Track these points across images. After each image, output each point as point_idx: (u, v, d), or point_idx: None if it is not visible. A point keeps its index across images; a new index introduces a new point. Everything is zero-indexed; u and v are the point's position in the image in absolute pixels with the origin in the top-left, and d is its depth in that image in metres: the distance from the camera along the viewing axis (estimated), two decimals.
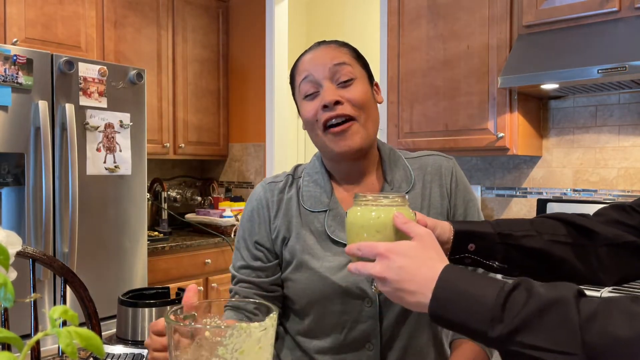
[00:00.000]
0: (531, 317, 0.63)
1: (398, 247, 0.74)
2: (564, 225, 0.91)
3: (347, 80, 1.05)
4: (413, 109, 2.65)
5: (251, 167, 3.78)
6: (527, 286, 0.65)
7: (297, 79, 1.10)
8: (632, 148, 2.38)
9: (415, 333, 1.08)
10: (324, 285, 1.05)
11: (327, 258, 1.07)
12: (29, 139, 2.41)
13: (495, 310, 0.64)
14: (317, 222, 1.10)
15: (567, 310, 0.62)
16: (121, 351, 1.02)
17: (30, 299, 0.56)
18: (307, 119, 1.07)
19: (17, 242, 0.56)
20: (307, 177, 1.15)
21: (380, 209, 0.80)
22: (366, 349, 1.07)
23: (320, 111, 1.04)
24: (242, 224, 1.18)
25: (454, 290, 0.68)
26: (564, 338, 0.60)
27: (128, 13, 3.18)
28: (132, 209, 2.78)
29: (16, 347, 0.44)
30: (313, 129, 1.08)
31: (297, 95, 1.12)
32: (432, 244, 0.75)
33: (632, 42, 1.96)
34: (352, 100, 1.04)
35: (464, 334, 0.69)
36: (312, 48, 1.12)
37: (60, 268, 1.43)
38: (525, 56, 2.21)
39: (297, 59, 1.14)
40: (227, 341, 0.64)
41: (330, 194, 1.12)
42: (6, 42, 2.65)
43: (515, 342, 0.63)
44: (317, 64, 1.06)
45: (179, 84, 3.49)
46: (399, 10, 2.70)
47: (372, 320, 1.05)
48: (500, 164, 2.74)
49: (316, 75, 1.05)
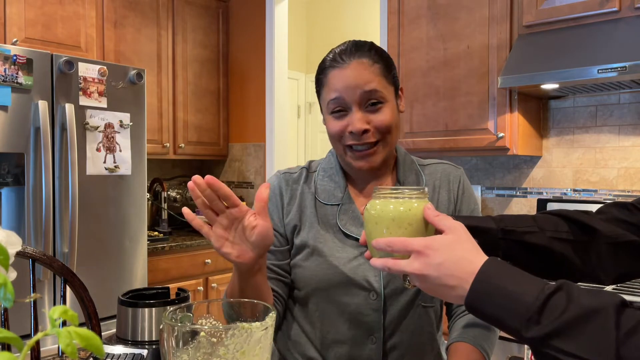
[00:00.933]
0: (569, 323, 0.62)
1: (435, 242, 0.73)
2: (566, 222, 0.91)
3: (376, 103, 1.07)
4: (413, 109, 2.65)
5: (251, 167, 3.78)
6: (568, 290, 0.65)
7: (325, 92, 1.11)
8: (632, 148, 2.38)
9: (417, 330, 1.11)
10: (333, 274, 1.09)
11: (337, 249, 1.11)
12: (29, 139, 2.41)
13: (533, 311, 0.64)
14: (330, 215, 1.14)
15: (606, 321, 0.62)
16: (121, 351, 1.02)
17: (30, 299, 0.56)
18: (332, 134, 1.11)
19: (17, 242, 0.56)
20: (322, 172, 1.19)
21: (404, 202, 0.78)
22: (369, 342, 1.09)
23: (346, 133, 1.08)
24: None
25: (493, 285, 0.68)
26: (599, 348, 0.61)
27: (128, 13, 3.18)
28: (132, 209, 2.78)
29: (16, 347, 0.44)
30: (335, 143, 1.12)
31: (323, 103, 1.13)
32: (467, 237, 0.74)
33: (632, 42, 1.96)
34: (380, 127, 1.07)
35: (498, 328, 0.69)
36: (343, 62, 1.08)
37: (60, 268, 1.43)
38: (525, 56, 2.21)
39: (324, 62, 1.12)
40: (228, 341, 0.63)
41: (344, 189, 1.15)
42: (6, 42, 2.64)
43: (549, 345, 0.63)
44: (348, 87, 1.06)
45: (179, 84, 3.49)
46: (399, 10, 2.70)
47: (376, 313, 1.08)
48: (500, 164, 2.74)
49: (347, 99, 1.07)
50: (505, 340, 2.02)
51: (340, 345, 1.11)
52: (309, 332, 1.15)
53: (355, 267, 1.09)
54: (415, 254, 0.73)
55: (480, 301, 0.68)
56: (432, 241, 0.73)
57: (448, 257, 0.71)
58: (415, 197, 0.79)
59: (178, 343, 0.66)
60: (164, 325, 0.68)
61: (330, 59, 1.11)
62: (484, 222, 0.88)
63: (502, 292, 0.67)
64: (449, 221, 0.75)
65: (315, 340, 1.14)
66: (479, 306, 0.68)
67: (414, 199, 0.79)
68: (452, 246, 0.72)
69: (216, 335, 0.65)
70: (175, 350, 0.66)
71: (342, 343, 1.11)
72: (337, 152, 1.15)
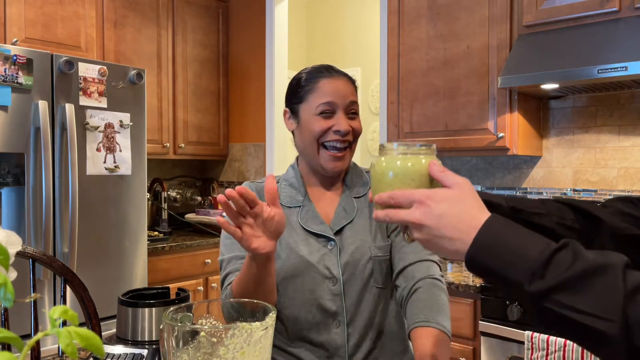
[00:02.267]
0: (574, 278, 0.61)
1: (437, 194, 0.71)
2: (571, 210, 0.91)
3: (354, 114, 1.29)
4: (413, 109, 2.65)
5: (251, 167, 3.78)
6: (574, 248, 0.64)
7: (314, 96, 1.27)
8: (632, 148, 2.38)
9: (374, 310, 1.25)
10: (299, 263, 1.23)
11: (301, 243, 1.26)
12: (29, 139, 2.41)
13: (538, 265, 0.63)
14: (293, 217, 1.29)
15: (614, 277, 0.60)
16: (121, 351, 1.02)
17: (30, 299, 0.56)
18: (315, 133, 1.26)
19: (17, 242, 0.56)
20: (284, 182, 1.36)
21: (410, 157, 0.77)
22: (333, 326, 1.22)
23: (330, 132, 1.25)
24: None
25: (496, 238, 0.66)
26: (605, 304, 0.59)
27: (128, 13, 3.18)
28: (132, 209, 2.78)
29: (16, 347, 0.44)
30: (313, 143, 1.27)
31: (306, 106, 1.28)
32: (472, 194, 0.72)
33: (632, 42, 1.96)
34: (356, 132, 1.29)
35: (499, 283, 0.68)
36: (329, 73, 1.29)
37: (60, 268, 1.43)
38: (525, 56, 2.21)
39: (310, 73, 1.30)
40: (228, 341, 0.63)
41: (304, 193, 1.32)
42: (6, 42, 2.64)
43: (552, 300, 0.62)
44: (339, 95, 1.26)
45: (179, 84, 3.49)
46: (399, 10, 2.70)
47: (337, 297, 1.23)
48: (500, 164, 2.74)
49: (337, 104, 1.26)
50: (505, 340, 2.02)
51: (306, 331, 1.23)
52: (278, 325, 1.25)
53: (318, 258, 1.24)
54: (417, 204, 0.71)
55: (483, 255, 0.66)
56: (434, 193, 0.72)
57: (450, 210, 0.70)
58: (423, 154, 0.78)
59: (178, 343, 0.66)
60: (164, 325, 0.68)
61: (311, 71, 1.30)
62: (495, 197, 0.87)
63: (506, 246, 0.65)
64: (455, 177, 0.74)
65: (282, 330, 1.25)
66: (481, 260, 0.66)
67: (422, 155, 0.78)
68: (456, 199, 0.71)
69: (216, 335, 0.65)
70: (175, 350, 0.66)
71: (308, 330, 1.23)
72: (307, 154, 1.30)
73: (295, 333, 1.24)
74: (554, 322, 0.63)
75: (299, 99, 1.29)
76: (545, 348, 1.81)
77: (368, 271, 1.25)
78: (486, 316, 2.09)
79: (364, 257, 1.25)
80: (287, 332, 1.25)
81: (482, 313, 2.10)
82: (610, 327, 0.59)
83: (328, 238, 1.25)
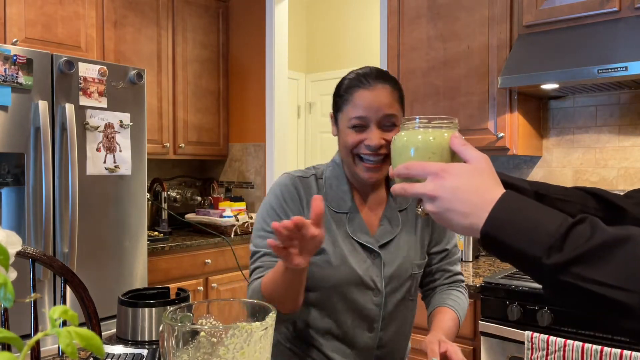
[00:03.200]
0: (594, 250, 0.59)
1: (453, 167, 0.69)
2: (594, 198, 0.89)
3: (391, 125, 1.24)
4: (413, 109, 2.65)
5: (251, 167, 3.78)
6: (592, 221, 0.62)
7: (349, 108, 1.24)
8: (632, 148, 2.38)
9: (403, 319, 1.34)
10: (350, 274, 1.25)
11: (350, 253, 1.27)
12: (29, 139, 2.41)
13: (556, 238, 0.61)
14: (340, 222, 1.28)
15: (634, 248, 0.58)
16: (121, 351, 1.02)
17: (30, 299, 0.56)
18: (348, 145, 1.24)
19: (17, 242, 0.56)
20: (329, 181, 1.32)
21: (432, 131, 0.76)
22: (367, 331, 1.28)
23: (362, 145, 1.23)
24: (268, 204, 1.28)
25: (513, 213, 0.64)
26: (626, 274, 0.58)
27: (128, 13, 3.18)
28: (132, 209, 2.78)
29: (16, 347, 0.44)
30: (348, 154, 1.25)
31: (343, 117, 1.26)
32: (489, 170, 0.70)
33: (632, 42, 1.96)
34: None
35: (514, 260, 0.65)
36: (368, 83, 1.23)
37: (60, 268, 1.43)
38: (525, 56, 2.21)
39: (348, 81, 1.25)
40: (228, 341, 0.63)
41: (351, 199, 1.30)
42: (6, 42, 2.64)
43: (571, 273, 0.60)
44: (372, 109, 1.21)
45: (179, 84, 3.48)
46: (399, 10, 2.70)
47: (377, 307, 1.28)
48: (501, 164, 2.74)
49: (369, 118, 1.22)
50: (505, 340, 2.02)
51: (343, 335, 1.27)
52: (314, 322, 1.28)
53: (365, 269, 1.26)
54: (432, 176, 0.70)
55: (499, 229, 0.64)
56: (450, 166, 0.70)
57: (465, 183, 0.68)
58: (446, 127, 0.76)
59: (178, 343, 0.66)
60: (164, 325, 0.68)
61: (353, 78, 1.25)
62: (519, 181, 0.85)
63: (522, 221, 0.63)
64: (475, 152, 0.72)
65: (319, 330, 1.28)
66: (497, 234, 0.64)
67: (444, 129, 0.76)
68: (472, 174, 0.69)
69: (216, 335, 0.65)
70: (175, 350, 0.66)
71: (345, 334, 1.27)
72: (346, 161, 1.28)
73: (329, 332, 1.28)
74: (573, 296, 0.61)
75: (337, 107, 1.29)
76: (545, 348, 1.81)
77: (407, 286, 1.33)
78: (486, 316, 2.09)
79: (406, 273, 1.32)
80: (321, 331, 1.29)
81: (482, 313, 2.10)
82: (631, 298, 0.57)
83: (373, 250, 1.28)
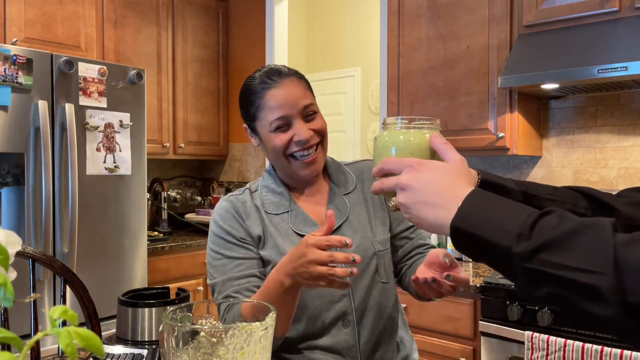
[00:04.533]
0: (561, 236, 0.60)
1: (429, 162, 0.71)
2: (585, 198, 0.89)
3: (312, 114, 1.23)
4: (413, 109, 2.64)
5: (251, 167, 3.78)
6: (561, 213, 0.63)
7: (265, 113, 1.21)
8: (632, 148, 2.38)
9: (380, 307, 1.25)
10: None
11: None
12: (29, 139, 2.41)
13: (524, 227, 0.61)
14: (282, 222, 1.25)
15: (602, 233, 0.58)
16: (121, 351, 1.02)
17: (30, 299, 0.56)
18: (278, 147, 1.21)
19: (17, 242, 0.56)
20: (264, 189, 1.30)
21: (414, 132, 0.77)
22: (343, 326, 1.21)
23: (292, 144, 1.21)
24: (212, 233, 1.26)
25: (482, 206, 0.65)
26: (595, 257, 0.57)
27: (128, 13, 3.18)
28: (132, 209, 2.78)
29: (16, 347, 0.44)
30: (279, 156, 1.22)
31: (260, 125, 1.23)
32: (465, 171, 0.72)
33: (632, 42, 1.96)
34: (319, 131, 1.24)
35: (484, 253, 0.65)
36: (274, 81, 1.21)
37: (60, 268, 1.43)
38: (525, 56, 2.21)
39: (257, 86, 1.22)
40: (228, 341, 0.63)
41: (289, 198, 1.28)
42: (6, 42, 2.64)
43: (540, 260, 0.60)
44: (289, 105, 1.20)
45: (178, 84, 3.48)
46: (399, 10, 2.70)
47: (345, 297, 1.21)
48: (500, 164, 2.74)
49: (290, 115, 1.20)
50: (505, 340, 2.02)
51: (317, 337, 1.20)
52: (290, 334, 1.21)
53: None
54: (408, 168, 0.71)
55: (467, 222, 0.65)
56: (427, 161, 0.72)
57: (439, 178, 0.69)
58: (427, 128, 0.78)
59: (178, 343, 0.66)
60: (163, 325, 0.67)
61: (258, 83, 1.22)
62: (506, 182, 0.86)
63: (491, 213, 0.64)
64: (455, 153, 0.74)
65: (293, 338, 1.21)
66: (466, 227, 0.65)
67: (425, 129, 0.78)
68: (447, 171, 0.70)
69: (216, 335, 0.65)
70: (175, 350, 0.66)
71: (319, 335, 1.20)
72: (279, 166, 1.26)
73: (305, 340, 1.21)
74: (544, 285, 0.60)
75: (251, 117, 1.25)
76: (545, 348, 1.81)
77: (373, 267, 1.25)
78: (486, 316, 2.09)
79: (367, 253, 1.24)
80: (297, 340, 1.22)
81: (482, 313, 2.10)
82: (601, 279, 0.56)
83: None
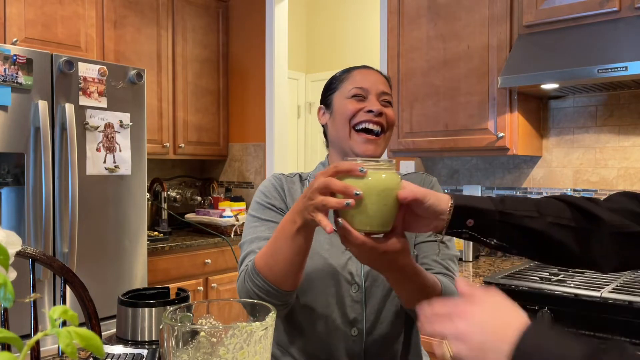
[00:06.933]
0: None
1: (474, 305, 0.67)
2: (569, 208, 0.89)
3: (387, 102, 1.26)
4: (413, 109, 2.64)
5: (251, 167, 3.78)
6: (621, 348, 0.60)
7: (347, 83, 1.25)
8: (632, 148, 2.38)
9: (394, 321, 1.20)
10: (322, 265, 1.18)
11: (326, 243, 1.21)
12: (29, 139, 2.41)
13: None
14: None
15: None
16: (121, 351, 1.02)
17: (30, 299, 0.56)
18: (347, 113, 1.22)
19: (17, 242, 0.56)
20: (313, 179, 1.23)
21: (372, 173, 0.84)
22: (351, 333, 1.17)
23: (362, 112, 1.21)
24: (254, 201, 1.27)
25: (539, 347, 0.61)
26: None
27: (128, 13, 3.18)
28: (132, 209, 2.78)
29: (16, 347, 0.44)
30: (345, 125, 1.22)
31: (339, 93, 1.26)
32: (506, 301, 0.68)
33: (632, 42, 1.96)
34: (389, 118, 1.25)
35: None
36: (363, 67, 1.30)
37: (60, 268, 1.43)
38: (525, 56, 2.21)
39: (346, 69, 1.30)
40: (228, 341, 0.63)
41: None
42: (6, 42, 2.64)
43: None
44: (372, 83, 1.24)
45: (178, 84, 3.48)
46: (399, 10, 2.70)
47: (358, 304, 1.18)
48: (500, 164, 2.74)
49: (369, 90, 1.24)
50: None
51: (325, 338, 1.18)
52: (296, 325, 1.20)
53: (342, 262, 1.19)
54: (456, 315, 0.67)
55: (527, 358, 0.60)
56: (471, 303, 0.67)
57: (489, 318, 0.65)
58: (383, 168, 0.85)
59: (178, 343, 0.66)
60: (164, 325, 0.68)
61: (346, 68, 1.30)
62: (482, 203, 0.86)
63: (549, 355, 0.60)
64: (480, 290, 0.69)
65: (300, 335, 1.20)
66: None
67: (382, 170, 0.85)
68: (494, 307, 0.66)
69: (216, 335, 0.65)
70: (175, 350, 0.66)
71: (326, 336, 1.18)
72: (340, 136, 1.23)
73: (312, 341, 1.19)
74: None
75: (332, 90, 1.28)
76: None
77: None
78: None
79: None
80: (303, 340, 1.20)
81: None
82: None
83: None
